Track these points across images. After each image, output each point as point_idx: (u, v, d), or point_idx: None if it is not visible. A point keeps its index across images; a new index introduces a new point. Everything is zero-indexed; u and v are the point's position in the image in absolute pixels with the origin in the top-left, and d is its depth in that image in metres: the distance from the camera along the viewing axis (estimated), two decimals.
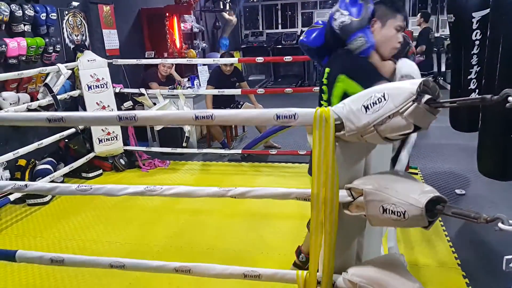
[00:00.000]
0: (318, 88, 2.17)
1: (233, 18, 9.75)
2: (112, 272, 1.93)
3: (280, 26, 11.97)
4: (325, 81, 1.99)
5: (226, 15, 9.59)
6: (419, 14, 6.68)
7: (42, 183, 1.81)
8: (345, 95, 1.79)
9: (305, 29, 2.21)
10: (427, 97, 1.17)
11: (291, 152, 4.69)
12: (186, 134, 4.77)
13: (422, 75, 6.03)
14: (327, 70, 1.98)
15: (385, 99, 1.23)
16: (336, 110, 1.35)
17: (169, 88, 5.19)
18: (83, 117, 1.88)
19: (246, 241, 2.98)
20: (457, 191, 3.60)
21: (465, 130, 3.27)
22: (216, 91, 4.70)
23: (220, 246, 2.94)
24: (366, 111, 1.26)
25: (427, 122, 1.21)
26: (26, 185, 1.83)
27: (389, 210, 1.26)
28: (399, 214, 1.24)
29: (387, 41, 1.90)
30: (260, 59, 4.59)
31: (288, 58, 4.42)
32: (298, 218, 3.12)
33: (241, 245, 2.93)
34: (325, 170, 1.39)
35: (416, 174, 4.04)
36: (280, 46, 10.55)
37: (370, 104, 1.26)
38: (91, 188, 1.72)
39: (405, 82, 1.26)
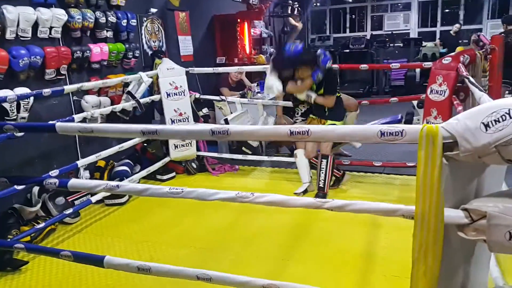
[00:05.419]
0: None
1: (299, 24, 9.67)
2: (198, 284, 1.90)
3: (348, 30, 11.70)
4: None
5: (292, 20, 9.53)
6: (501, 20, 6.23)
7: (134, 185, 1.83)
8: None
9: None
10: None
11: (365, 163, 4.50)
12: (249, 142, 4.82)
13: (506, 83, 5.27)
14: None
15: (510, 117, 1.10)
16: (448, 127, 1.20)
17: (240, 93, 5.20)
18: (177, 131, 1.90)
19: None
20: None
21: None
22: (290, 103, 4.44)
23: (297, 254, 2.85)
24: (486, 130, 1.12)
25: None
26: (118, 186, 1.86)
27: None
28: None
29: None
30: (364, 67, 4.60)
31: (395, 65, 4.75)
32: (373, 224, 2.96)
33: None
34: (430, 194, 1.25)
35: None
36: (347, 51, 10.28)
37: (492, 121, 1.12)
38: (182, 191, 1.72)
39: None
